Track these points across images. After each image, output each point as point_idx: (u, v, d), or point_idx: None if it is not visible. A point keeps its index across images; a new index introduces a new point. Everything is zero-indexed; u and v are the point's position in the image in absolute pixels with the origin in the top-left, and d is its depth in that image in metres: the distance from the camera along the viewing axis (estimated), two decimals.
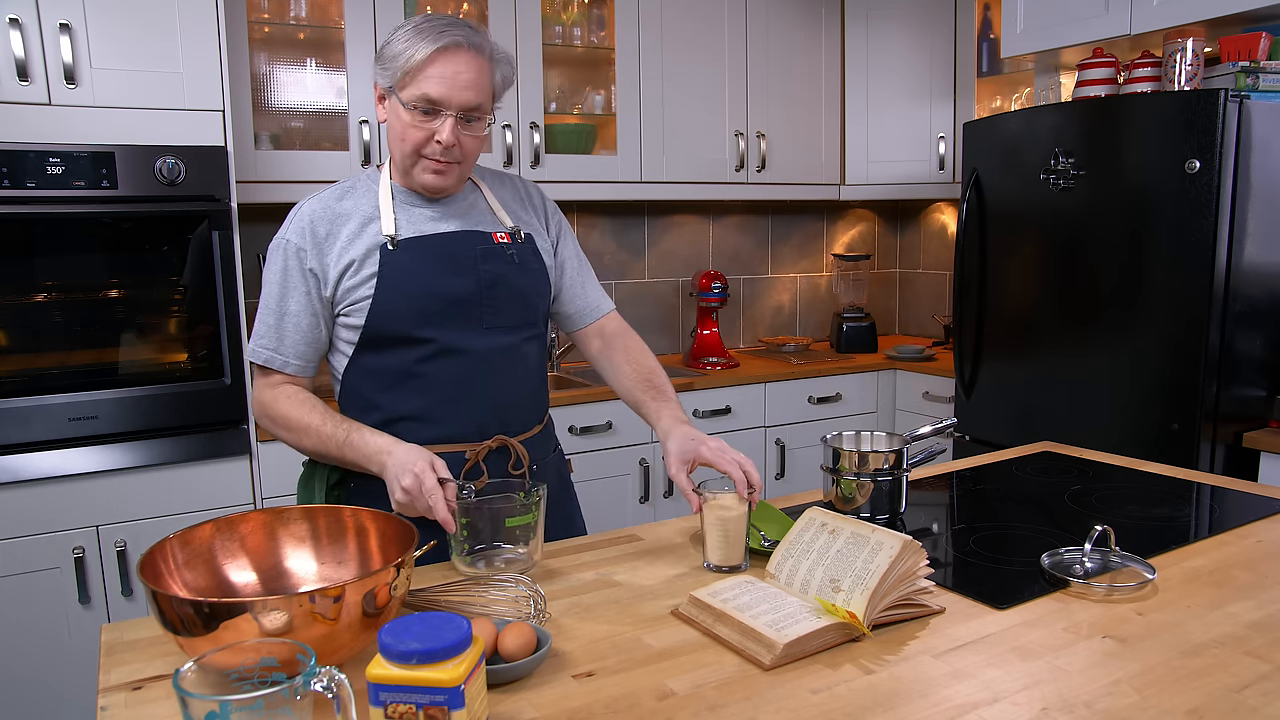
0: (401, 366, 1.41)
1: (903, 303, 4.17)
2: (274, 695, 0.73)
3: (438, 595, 1.16)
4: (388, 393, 1.42)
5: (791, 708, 0.90)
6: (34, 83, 2.08)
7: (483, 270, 1.43)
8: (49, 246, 2.15)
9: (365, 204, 1.43)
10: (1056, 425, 2.59)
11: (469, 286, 1.42)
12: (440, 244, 1.42)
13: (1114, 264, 2.46)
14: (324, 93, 2.76)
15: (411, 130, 1.36)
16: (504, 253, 1.46)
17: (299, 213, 1.42)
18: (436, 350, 1.41)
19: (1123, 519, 1.45)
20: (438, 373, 1.41)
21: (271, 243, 1.42)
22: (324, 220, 1.41)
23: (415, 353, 1.40)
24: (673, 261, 3.63)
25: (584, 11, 3.14)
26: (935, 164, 3.49)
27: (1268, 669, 0.96)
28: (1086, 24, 2.72)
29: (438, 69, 1.32)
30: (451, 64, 1.33)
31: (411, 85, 1.33)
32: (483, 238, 1.45)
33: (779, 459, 3.23)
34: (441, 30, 1.33)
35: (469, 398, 1.42)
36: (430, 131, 1.36)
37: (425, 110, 1.34)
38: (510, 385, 1.47)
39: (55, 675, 2.19)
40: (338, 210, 1.42)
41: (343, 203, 1.43)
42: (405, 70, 1.33)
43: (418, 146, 1.37)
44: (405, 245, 1.40)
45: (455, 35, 1.33)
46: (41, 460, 2.14)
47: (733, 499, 1.26)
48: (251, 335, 1.42)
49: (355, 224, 1.40)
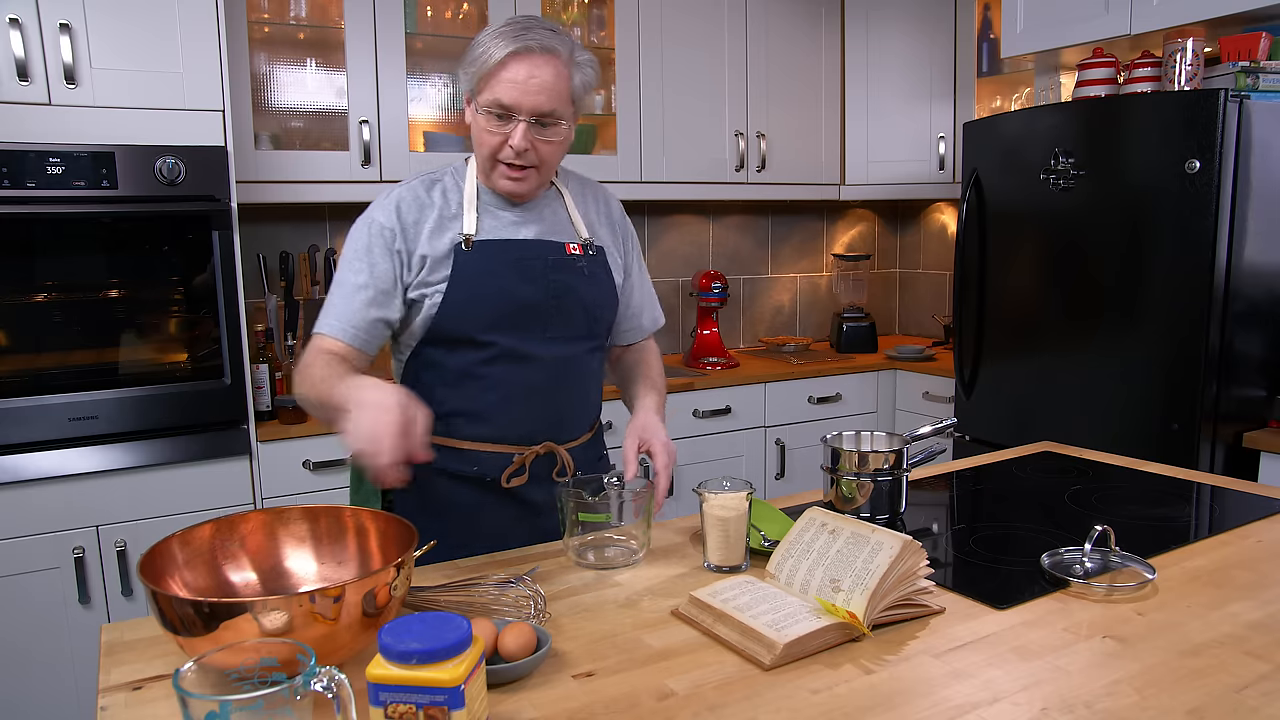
0: (462, 366, 1.43)
1: (903, 303, 4.17)
2: (274, 695, 0.73)
3: (438, 595, 1.16)
4: (447, 388, 1.44)
5: (791, 708, 0.90)
6: (34, 83, 2.08)
7: (552, 279, 1.44)
8: (49, 246, 2.15)
9: (451, 198, 1.44)
10: (1056, 425, 2.59)
11: (537, 294, 1.43)
12: (513, 250, 1.43)
13: (1114, 264, 2.46)
14: (324, 93, 2.76)
15: (486, 135, 1.37)
16: (575, 264, 1.47)
17: (389, 197, 1.43)
18: (499, 354, 1.42)
19: (1123, 519, 1.45)
20: (498, 376, 1.43)
21: (355, 223, 1.43)
22: (412, 207, 1.42)
23: (478, 355, 1.42)
24: (673, 261, 3.63)
25: (584, 11, 3.15)
26: (935, 164, 3.49)
27: (1268, 669, 0.96)
28: (1086, 24, 2.72)
29: (510, 73, 1.32)
30: (524, 68, 1.32)
31: (486, 90, 1.34)
32: (556, 247, 1.47)
33: (779, 459, 3.23)
34: (518, 34, 1.33)
35: (525, 403, 1.45)
36: (504, 136, 1.36)
37: (499, 115, 1.35)
38: (566, 394, 1.50)
39: (55, 675, 2.19)
40: (425, 200, 1.43)
41: (431, 193, 1.44)
42: (480, 75, 1.34)
43: (493, 151, 1.38)
44: (480, 248, 1.41)
45: (528, 39, 1.32)
46: (41, 460, 2.14)
47: (733, 499, 1.26)
48: (325, 311, 1.40)
49: (439, 217, 1.42)
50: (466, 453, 1.45)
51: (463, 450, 1.45)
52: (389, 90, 2.70)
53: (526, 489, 1.47)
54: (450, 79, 2.95)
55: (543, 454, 1.47)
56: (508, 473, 1.45)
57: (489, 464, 1.45)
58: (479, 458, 1.45)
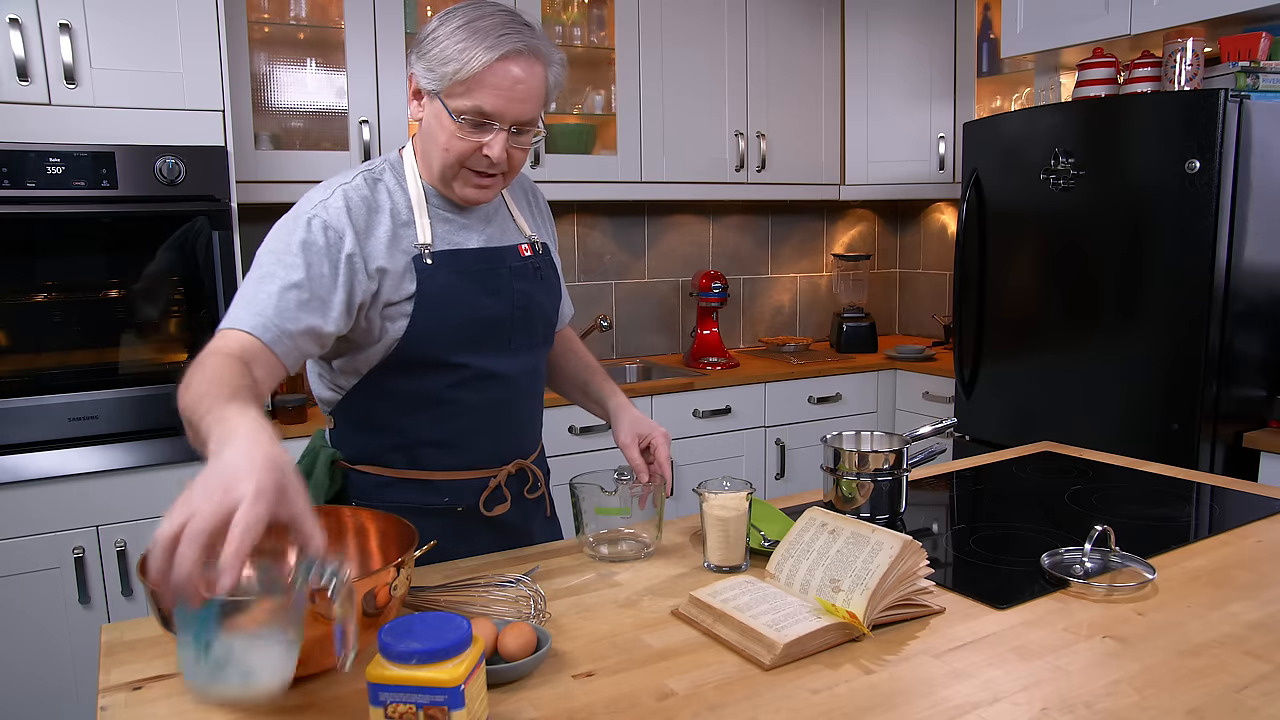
0: (429, 391, 1.30)
1: (903, 303, 4.17)
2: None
3: (438, 595, 1.16)
4: (408, 416, 1.32)
5: (791, 708, 0.90)
6: (34, 83, 2.08)
7: (515, 289, 1.34)
8: (49, 246, 2.15)
9: (397, 200, 1.29)
10: (1056, 425, 2.59)
11: (503, 308, 1.33)
12: (475, 260, 1.31)
13: (1114, 264, 2.46)
14: (324, 93, 2.76)
15: (456, 141, 1.22)
16: (530, 268, 1.38)
17: (331, 194, 1.24)
18: (469, 375, 1.31)
19: (1123, 519, 1.45)
20: (467, 398, 1.32)
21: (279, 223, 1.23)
22: (361, 209, 1.24)
23: (447, 378, 1.30)
24: (673, 261, 3.63)
25: (584, 11, 3.14)
26: (935, 164, 3.49)
27: (1268, 669, 0.96)
28: (1086, 24, 2.72)
29: (494, 79, 1.18)
30: (510, 74, 1.18)
31: (462, 95, 1.19)
32: (512, 253, 1.36)
33: (779, 459, 3.23)
34: (500, 34, 1.18)
35: (496, 423, 1.36)
36: (478, 144, 1.22)
37: (475, 123, 1.21)
38: (530, 405, 1.44)
39: (55, 675, 2.19)
40: (373, 202, 1.26)
41: (376, 193, 1.28)
42: (456, 78, 1.18)
43: (462, 158, 1.24)
44: (440, 260, 1.27)
45: (515, 41, 1.18)
46: (41, 460, 2.14)
47: (733, 499, 1.26)
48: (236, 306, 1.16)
49: (389, 223, 1.26)
50: (435, 483, 1.35)
51: (431, 481, 1.35)
52: (389, 90, 2.70)
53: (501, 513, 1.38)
54: None
55: (514, 472, 1.41)
56: (485, 497, 1.37)
57: (459, 492, 1.36)
58: (448, 487, 1.35)
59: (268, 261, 1.19)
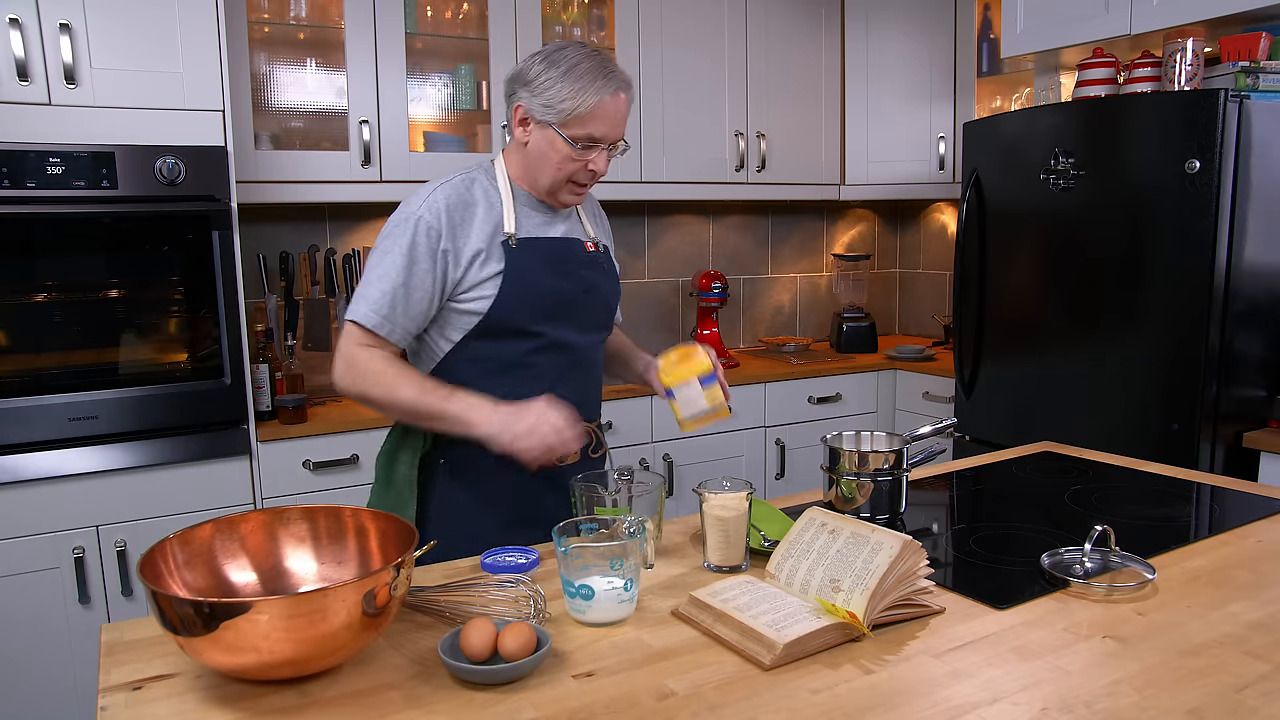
0: (510, 357, 1.51)
1: (903, 303, 4.17)
2: None
3: (438, 595, 1.16)
4: (492, 379, 1.50)
5: (791, 708, 0.90)
6: (34, 83, 2.08)
7: (583, 275, 1.57)
8: (49, 246, 2.15)
9: (491, 198, 1.52)
10: (1056, 425, 2.59)
11: (572, 288, 1.55)
12: (552, 248, 1.55)
13: (1114, 264, 2.46)
14: (324, 93, 2.76)
15: (569, 161, 1.48)
16: (596, 260, 1.62)
17: (433, 194, 1.48)
18: (546, 344, 1.53)
19: (1123, 519, 1.45)
20: (543, 363, 1.53)
21: (395, 217, 1.47)
22: (459, 206, 1.48)
23: (527, 345, 1.52)
24: (673, 261, 3.63)
25: (584, 11, 3.15)
26: (935, 164, 3.49)
27: (1268, 669, 0.96)
28: (1086, 24, 2.72)
29: (604, 112, 1.46)
30: (616, 106, 1.47)
31: (577, 126, 1.45)
32: (580, 245, 1.60)
33: (779, 459, 3.23)
34: (605, 74, 1.45)
35: (567, 388, 1.54)
36: (584, 162, 1.49)
37: (586, 146, 1.47)
38: (595, 375, 1.66)
39: (55, 675, 2.19)
40: (469, 198, 1.50)
41: (472, 191, 1.51)
42: (574, 115, 1.44)
43: (572, 174, 1.50)
44: (523, 245, 1.51)
45: (616, 81, 1.47)
46: (41, 460, 2.14)
47: (733, 499, 1.26)
48: (360, 298, 1.45)
49: (482, 214, 1.50)
50: None
51: None
52: (389, 90, 2.70)
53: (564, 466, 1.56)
54: (450, 79, 2.95)
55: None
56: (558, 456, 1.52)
57: None
58: None
59: (383, 263, 1.46)
